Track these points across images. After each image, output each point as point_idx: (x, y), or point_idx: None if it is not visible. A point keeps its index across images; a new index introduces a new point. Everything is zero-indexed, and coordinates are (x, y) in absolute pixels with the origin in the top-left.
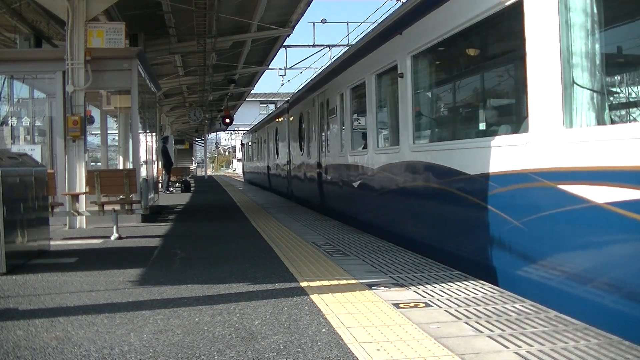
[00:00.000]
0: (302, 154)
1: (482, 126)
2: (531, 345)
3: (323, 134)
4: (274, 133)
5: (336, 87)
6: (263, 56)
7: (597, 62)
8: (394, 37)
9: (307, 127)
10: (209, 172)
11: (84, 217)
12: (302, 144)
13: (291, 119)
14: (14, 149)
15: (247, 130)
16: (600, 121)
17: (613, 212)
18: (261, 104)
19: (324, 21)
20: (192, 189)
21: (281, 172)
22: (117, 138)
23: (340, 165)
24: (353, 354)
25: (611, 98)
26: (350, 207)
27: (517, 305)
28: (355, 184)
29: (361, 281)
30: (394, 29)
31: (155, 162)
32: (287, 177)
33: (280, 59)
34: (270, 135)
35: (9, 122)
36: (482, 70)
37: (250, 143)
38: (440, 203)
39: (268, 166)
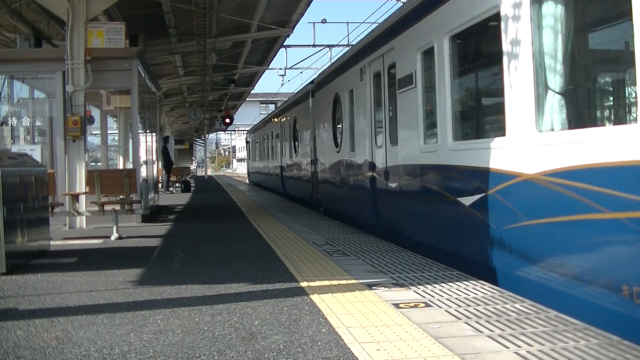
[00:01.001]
0: (337, 150)
1: None
2: (531, 345)
3: (381, 118)
4: (290, 126)
5: (415, 39)
6: (263, 56)
7: None
8: None
9: (349, 112)
10: (209, 172)
11: (84, 217)
12: (337, 136)
13: (319, 104)
14: (14, 149)
15: (253, 126)
16: None
17: None
18: (261, 104)
19: (324, 21)
20: (192, 189)
21: (302, 173)
22: (117, 138)
23: (427, 167)
24: (353, 354)
25: None
26: (457, 242)
27: (517, 305)
28: (468, 202)
29: (361, 281)
30: None
31: (155, 162)
32: (310, 181)
33: (280, 59)
34: (286, 129)
35: (9, 122)
36: None
37: (258, 140)
38: None
39: (282, 166)
